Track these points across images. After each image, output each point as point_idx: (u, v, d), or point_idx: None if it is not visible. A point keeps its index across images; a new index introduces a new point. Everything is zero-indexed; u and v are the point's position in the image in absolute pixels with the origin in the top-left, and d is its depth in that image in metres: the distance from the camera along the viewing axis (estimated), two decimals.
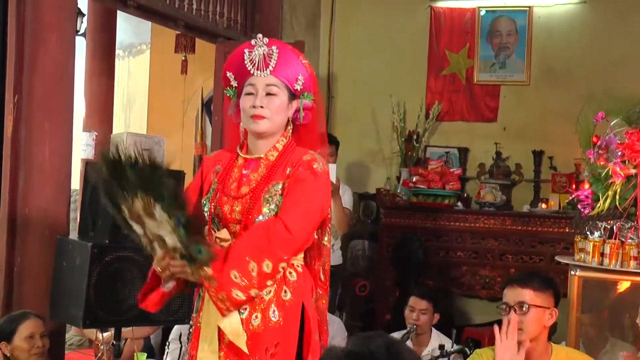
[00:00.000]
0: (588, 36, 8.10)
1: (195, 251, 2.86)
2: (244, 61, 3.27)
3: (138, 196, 2.81)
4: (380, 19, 8.68)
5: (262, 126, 3.21)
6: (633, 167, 4.70)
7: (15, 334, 4.29)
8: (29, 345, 4.28)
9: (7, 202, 4.77)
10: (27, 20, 4.70)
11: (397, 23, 8.61)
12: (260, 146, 3.31)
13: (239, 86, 3.33)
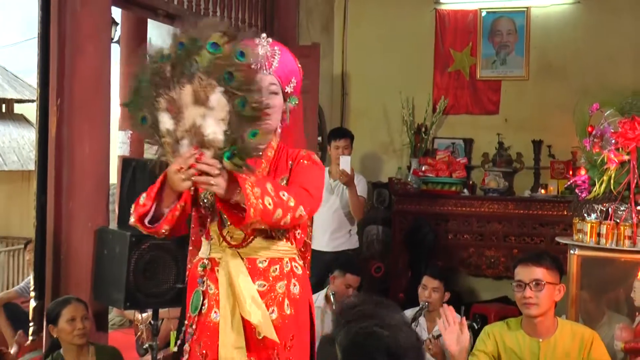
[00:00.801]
0: (582, 34, 8.09)
1: (249, 134, 2.67)
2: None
3: (196, 80, 2.67)
4: (389, 22, 8.67)
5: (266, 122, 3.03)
6: (626, 154, 4.72)
7: (59, 318, 4.32)
8: (71, 327, 4.30)
9: (53, 197, 4.81)
10: (67, 31, 4.73)
11: (405, 25, 8.61)
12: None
13: None
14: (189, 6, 6.06)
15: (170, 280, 4.70)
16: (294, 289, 3.11)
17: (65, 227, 4.81)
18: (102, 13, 4.94)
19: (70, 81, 4.77)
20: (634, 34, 7.83)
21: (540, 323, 3.70)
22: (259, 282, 3.05)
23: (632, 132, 4.70)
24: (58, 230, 4.82)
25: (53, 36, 4.77)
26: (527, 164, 8.05)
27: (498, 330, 3.81)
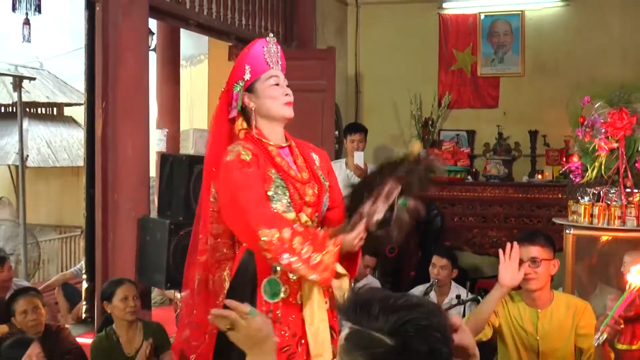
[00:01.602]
0: (572, 33, 8.05)
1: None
2: (262, 55, 3.07)
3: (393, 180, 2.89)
4: (397, 26, 8.66)
5: (292, 112, 3.08)
6: (615, 142, 4.70)
7: (114, 296, 4.36)
8: (124, 305, 4.34)
9: (100, 190, 4.85)
10: (110, 41, 4.76)
11: (412, 28, 8.59)
12: (279, 133, 3.14)
13: (249, 80, 3.07)
14: (217, 16, 6.07)
15: None
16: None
17: (112, 217, 4.85)
18: (140, 24, 4.96)
19: (114, 86, 4.80)
20: (620, 33, 7.79)
21: (539, 295, 3.70)
22: None
23: (620, 122, 4.68)
24: (105, 219, 4.86)
25: (98, 46, 4.80)
26: (524, 152, 8.02)
27: (502, 301, 3.80)
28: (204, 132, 6.06)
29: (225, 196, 2.97)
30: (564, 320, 3.66)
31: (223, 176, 2.99)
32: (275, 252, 2.79)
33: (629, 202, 4.70)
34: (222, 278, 3.14)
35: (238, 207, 2.89)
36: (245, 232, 2.92)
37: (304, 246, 2.81)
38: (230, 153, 2.98)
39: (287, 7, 7.32)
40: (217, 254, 3.15)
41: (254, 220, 2.82)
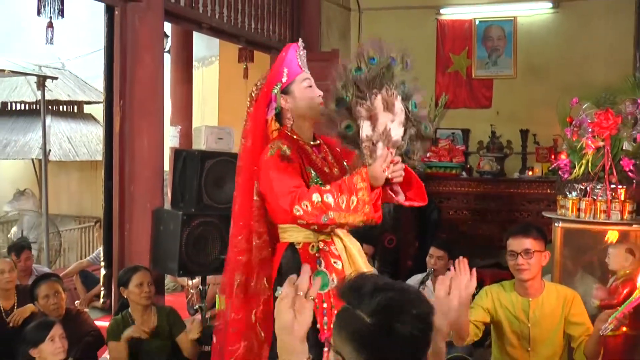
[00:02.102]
0: (561, 38, 8.06)
1: (423, 127, 2.88)
2: (296, 59, 3.10)
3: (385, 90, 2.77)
4: (397, 30, 8.62)
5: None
6: (601, 141, 4.69)
7: (130, 282, 4.36)
8: (139, 291, 4.34)
9: (117, 182, 4.86)
10: (127, 43, 4.76)
11: (411, 32, 8.56)
12: (310, 132, 3.14)
13: (286, 82, 3.07)
14: (228, 20, 6.07)
15: (216, 252, 4.72)
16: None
17: (128, 208, 4.86)
18: (156, 28, 4.96)
19: (131, 85, 4.81)
20: (606, 38, 7.78)
21: (531, 285, 3.69)
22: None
23: (606, 122, 4.67)
24: (122, 210, 4.87)
25: (116, 48, 4.81)
26: (515, 150, 8.03)
27: (495, 290, 3.80)
28: (214, 129, 6.04)
29: (265, 189, 2.94)
30: (554, 309, 3.65)
31: (265, 172, 2.94)
32: (314, 219, 2.78)
33: (614, 198, 4.70)
34: (265, 280, 3.07)
35: (274, 195, 2.86)
36: (283, 216, 2.88)
37: (338, 199, 2.78)
38: (271, 149, 2.96)
39: (294, 12, 7.31)
40: (262, 252, 3.09)
41: (285, 203, 2.80)
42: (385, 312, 1.53)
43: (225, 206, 4.75)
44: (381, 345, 1.53)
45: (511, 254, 3.68)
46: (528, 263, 3.62)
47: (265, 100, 3.09)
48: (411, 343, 1.54)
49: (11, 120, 10.09)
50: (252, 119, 3.12)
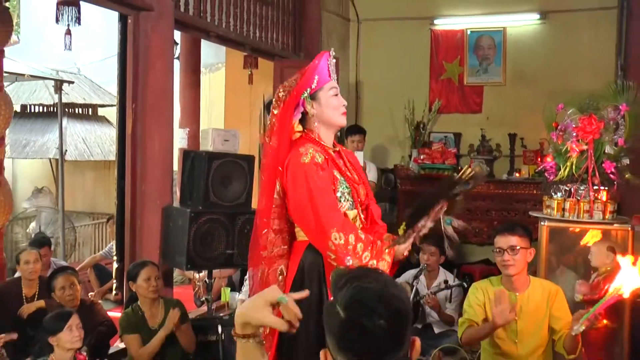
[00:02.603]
0: (548, 48, 8.04)
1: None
2: (328, 67, 3.06)
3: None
4: (393, 39, 8.65)
5: (345, 121, 3.12)
6: (585, 144, 4.70)
7: (138, 277, 4.36)
8: (147, 285, 4.35)
9: (130, 182, 4.86)
10: (140, 50, 4.76)
11: (406, 42, 8.58)
12: (330, 138, 3.12)
13: (315, 89, 3.04)
14: (234, 29, 6.07)
15: (221, 247, 4.73)
16: None
17: (139, 205, 4.86)
18: (167, 36, 4.96)
19: (142, 90, 4.81)
20: (590, 47, 7.77)
21: (517, 280, 3.69)
22: None
23: (589, 126, 4.68)
24: (133, 207, 4.87)
25: (129, 54, 4.81)
26: (504, 153, 8.00)
27: (484, 286, 3.81)
28: (221, 131, 6.05)
29: (300, 196, 2.90)
30: (539, 303, 3.66)
31: (299, 177, 2.91)
32: (341, 254, 2.81)
33: (596, 198, 4.70)
34: (277, 272, 3.06)
35: (314, 209, 2.86)
36: (317, 233, 2.88)
37: (365, 252, 2.85)
38: (305, 155, 2.93)
39: (296, 22, 7.31)
40: (275, 249, 3.07)
41: (328, 223, 2.82)
42: (355, 306, 1.49)
43: (231, 204, 4.77)
44: (355, 340, 1.49)
45: (498, 250, 3.69)
46: (514, 259, 3.63)
47: (294, 103, 3.04)
48: (383, 338, 1.48)
49: (30, 122, 10.08)
50: (279, 120, 3.06)
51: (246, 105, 9.05)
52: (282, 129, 3.05)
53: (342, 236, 2.81)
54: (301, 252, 3.03)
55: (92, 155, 9.85)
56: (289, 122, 3.06)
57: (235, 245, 4.76)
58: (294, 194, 2.92)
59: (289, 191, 2.95)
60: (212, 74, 8.94)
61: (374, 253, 2.87)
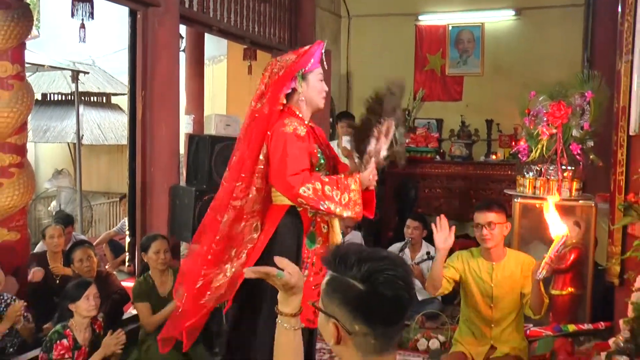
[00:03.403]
0: (522, 41, 8.07)
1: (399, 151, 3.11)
2: (321, 55, 3.18)
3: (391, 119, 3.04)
4: (381, 34, 8.64)
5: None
6: (554, 128, 4.71)
7: (149, 249, 4.35)
8: (156, 257, 4.32)
9: (140, 164, 4.84)
10: (148, 43, 4.73)
11: (393, 36, 8.57)
12: (308, 116, 3.23)
13: (307, 70, 3.15)
14: (235, 24, 6.03)
15: None
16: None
17: (149, 185, 4.85)
18: (173, 30, 4.93)
19: (151, 79, 4.78)
20: (559, 41, 7.79)
21: (494, 252, 3.70)
22: None
23: (558, 112, 4.69)
24: (144, 187, 4.85)
25: (139, 47, 4.77)
26: (482, 137, 8.03)
27: (465, 255, 3.81)
28: (223, 117, 6.04)
29: (275, 160, 3.00)
30: (513, 271, 3.67)
31: (279, 143, 3.01)
32: (314, 202, 2.92)
33: (564, 177, 4.72)
34: (253, 227, 3.15)
35: (283, 171, 2.95)
36: (287, 190, 2.97)
37: (334, 191, 2.94)
38: (288, 126, 3.04)
39: (292, 18, 7.27)
40: (256, 205, 3.14)
41: (294, 182, 2.92)
42: (373, 278, 1.54)
43: None
44: (373, 307, 1.54)
45: (477, 226, 3.69)
46: (491, 234, 3.64)
47: (288, 78, 3.14)
48: (397, 302, 1.55)
49: (50, 109, 10.03)
50: (273, 90, 3.15)
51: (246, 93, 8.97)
52: (274, 98, 3.15)
53: (309, 187, 2.90)
54: (280, 215, 3.11)
55: (106, 139, 9.82)
56: (279, 93, 3.15)
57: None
58: (273, 159, 3.02)
59: (271, 156, 3.04)
60: (215, 65, 8.88)
61: (342, 187, 2.97)
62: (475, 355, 3.73)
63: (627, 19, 3.99)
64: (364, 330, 1.55)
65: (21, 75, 4.91)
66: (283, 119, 3.08)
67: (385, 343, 1.58)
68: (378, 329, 1.55)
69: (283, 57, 3.26)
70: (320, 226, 3.18)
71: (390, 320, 1.57)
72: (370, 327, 1.55)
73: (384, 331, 1.57)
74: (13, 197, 4.87)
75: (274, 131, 3.04)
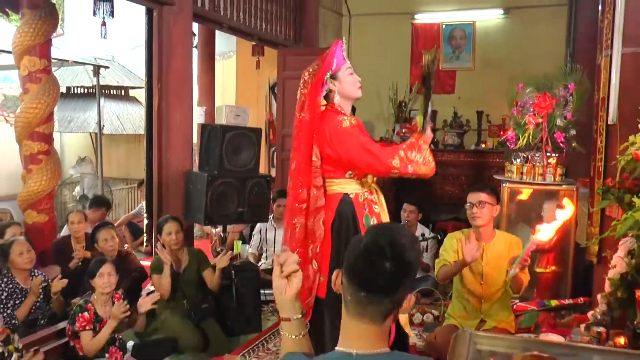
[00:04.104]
0: (510, 38, 8.04)
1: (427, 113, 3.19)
2: (342, 52, 3.18)
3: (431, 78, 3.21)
4: (380, 31, 8.61)
5: (361, 93, 3.21)
6: (540, 118, 4.71)
7: (162, 231, 4.37)
8: (169, 238, 4.33)
9: (156, 152, 4.85)
10: (163, 40, 4.73)
11: (391, 33, 8.54)
12: (349, 109, 3.23)
13: (335, 70, 3.14)
14: (244, 22, 6.02)
15: (234, 206, 4.73)
16: None
17: (165, 171, 4.87)
18: (186, 27, 4.93)
19: (166, 73, 4.79)
20: (544, 37, 7.76)
21: (484, 231, 3.71)
22: None
23: (544, 103, 4.69)
24: (160, 173, 4.87)
25: (155, 43, 4.78)
26: (473, 127, 8.02)
27: (458, 235, 3.82)
28: (233, 108, 6.05)
29: (355, 149, 3.04)
30: (502, 251, 3.68)
31: (346, 137, 3.05)
32: (402, 169, 3.02)
33: (549, 164, 4.72)
34: (320, 221, 3.16)
35: (371, 154, 3.01)
36: (381, 167, 3.03)
37: (413, 154, 3.05)
38: (344, 121, 3.08)
39: (297, 17, 7.25)
40: (318, 202, 3.15)
41: (385, 157, 3.00)
42: (371, 244, 1.52)
43: (242, 169, 4.76)
44: (362, 272, 1.51)
45: (469, 204, 3.71)
46: (481, 212, 3.65)
47: (319, 83, 3.14)
48: (384, 278, 1.49)
49: (73, 101, 10.03)
50: (309, 97, 3.14)
51: (254, 87, 9.02)
52: (312, 105, 3.14)
53: (397, 158, 3.00)
54: (336, 203, 3.14)
55: (124, 129, 9.83)
56: (317, 99, 3.14)
57: (245, 204, 4.76)
58: (348, 150, 3.05)
59: (339, 149, 3.06)
60: (225, 61, 8.88)
61: (417, 149, 3.07)
62: (467, 328, 3.75)
63: (607, 16, 3.98)
64: (345, 285, 1.54)
65: (48, 70, 4.94)
66: (334, 118, 3.11)
67: (359, 309, 1.52)
68: (352, 288, 1.52)
69: (312, 64, 3.27)
70: (372, 207, 3.20)
71: (362, 284, 1.50)
72: (348, 282, 1.53)
73: (357, 294, 1.51)
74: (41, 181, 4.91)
75: (332, 131, 3.06)
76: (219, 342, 4.21)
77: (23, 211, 5.02)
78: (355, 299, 1.52)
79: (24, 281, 4.09)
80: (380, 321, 1.53)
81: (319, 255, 3.15)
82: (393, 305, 1.53)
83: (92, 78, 9.14)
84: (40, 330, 3.97)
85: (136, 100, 10.50)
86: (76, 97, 10.15)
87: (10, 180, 8.40)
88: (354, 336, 1.54)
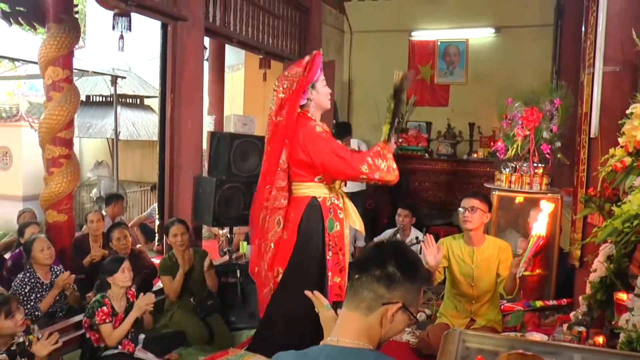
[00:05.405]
0: (501, 55, 8.05)
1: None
2: (320, 64, 3.23)
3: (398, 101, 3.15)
4: (379, 47, 8.63)
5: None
6: (528, 130, 4.71)
7: (169, 232, 4.36)
8: (174, 240, 4.32)
9: (168, 157, 4.85)
10: (177, 52, 4.73)
11: (389, 49, 8.56)
12: (319, 117, 3.26)
13: (315, 80, 3.19)
14: (252, 36, 6.03)
15: (240, 209, 4.74)
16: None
17: (176, 175, 4.86)
18: (198, 41, 4.93)
19: (179, 84, 4.79)
20: (532, 55, 7.79)
21: (475, 236, 3.72)
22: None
23: (531, 116, 4.70)
24: (171, 177, 4.87)
25: (169, 55, 4.78)
26: (465, 138, 8.01)
27: (449, 241, 3.83)
28: (241, 117, 6.04)
29: (327, 153, 3.07)
30: (491, 255, 3.69)
31: (320, 141, 3.08)
32: (369, 175, 3.06)
33: (535, 173, 4.73)
34: (275, 221, 3.20)
35: (341, 159, 3.06)
36: (350, 172, 3.07)
37: (379, 162, 3.09)
38: (317, 126, 3.13)
39: (301, 32, 7.26)
40: (276, 202, 3.20)
41: (355, 163, 3.06)
42: (379, 244, 1.57)
43: (248, 175, 4.78)
44: (363, 259, 1.57)
45: (462, 209, 3.71)
46: (472, 216, 3.66)
47: (302, 91, 3.18)
48: (386, 259, 1.51)
49: (92, 109, 10.05)
50: (290, 103, 3.17)
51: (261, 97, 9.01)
52: (291, 110, 3.17)
53: (365, 164, 3.04)
54: (304, 206, 3.17)
55: (139, 136, 9.83)
56: (297, 105, 3.17)
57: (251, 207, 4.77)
58: (320, 153, 3.07)
59: (312, 153, 3.09)
60: (234, 73, 8.89)
61: (382, 157, 3.10)
62: (457, 326, 3.75)
63: (589, 37, 4.00)
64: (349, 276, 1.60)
65: (70, 79, 4.95)
66: (307, 123, 3.12)
67: (350, 294, 1.54)
68: (351, 273, 1.57)
69: (290, 71, 3.26)
70: (337, 212, 3.20)
71: (360, 265, 1.55)
72: (351, 270, 1.60)
73: (353, 277, 1.55)
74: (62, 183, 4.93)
75: (307, 134, 3.08)
76: (224, 336, 4.21)
77: (44, 211, 5.03)
78: (351, 283, 1.55)
79: (45, 276, 4.12)
80: (366, 312, 1.50)
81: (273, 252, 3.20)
82: (384, 299, 1.49)
83: (110, 87, 9.16)
84: (58, 322, 3.98)
85: (150, 109, 10.52)
86: (95, 105, 10.17)
87: (34, 181, 8.43)
88: (341, 325, 1.54)
